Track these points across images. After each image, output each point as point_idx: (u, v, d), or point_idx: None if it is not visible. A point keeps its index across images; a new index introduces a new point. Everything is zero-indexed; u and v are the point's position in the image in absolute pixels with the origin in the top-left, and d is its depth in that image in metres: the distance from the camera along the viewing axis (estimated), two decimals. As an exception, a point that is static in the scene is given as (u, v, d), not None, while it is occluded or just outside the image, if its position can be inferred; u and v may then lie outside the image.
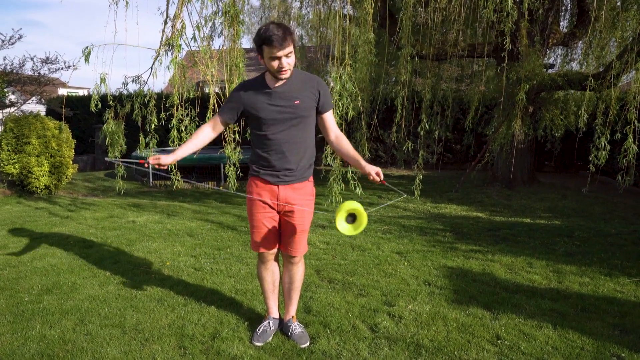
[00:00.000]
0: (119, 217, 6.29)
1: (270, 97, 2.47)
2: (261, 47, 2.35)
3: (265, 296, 2.90)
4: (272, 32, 2.29)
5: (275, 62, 2.35)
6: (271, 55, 2.33)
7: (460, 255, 4.60)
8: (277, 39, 2.29)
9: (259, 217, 2.64)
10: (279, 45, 2.30)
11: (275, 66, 2.36)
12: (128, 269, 4.06)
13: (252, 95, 2.49)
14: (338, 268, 4.15)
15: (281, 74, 2.39)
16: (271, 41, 2.29)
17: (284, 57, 2.34)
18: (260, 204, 2.62)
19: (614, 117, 6.02)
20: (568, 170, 12.87)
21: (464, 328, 2.98)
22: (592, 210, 7.55)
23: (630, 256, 4.66)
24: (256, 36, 2.37)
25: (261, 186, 2.60)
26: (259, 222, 2.65)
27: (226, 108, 2.57)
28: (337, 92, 5.36)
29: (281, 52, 2.31)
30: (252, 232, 2.70)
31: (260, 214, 2.64)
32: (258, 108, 2.49)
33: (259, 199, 2.60)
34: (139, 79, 5.63)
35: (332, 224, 5.97)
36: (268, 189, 2.60)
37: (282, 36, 2.29)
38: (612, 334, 2.94)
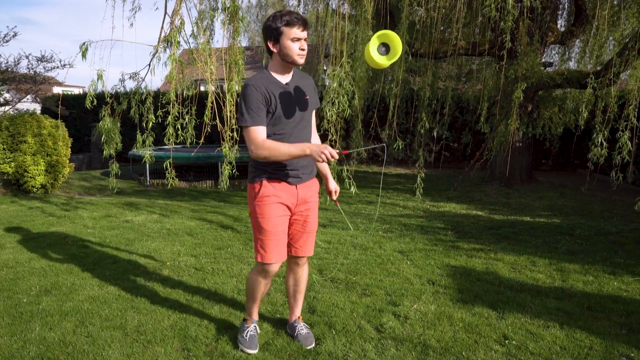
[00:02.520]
0: (117, 217, 6.22)
1: (286, 93, 2.42)
2: (279, 30, 2.28)
3: (254, 304, 2.72)
4: (291, 13, 2.28)
5: (298, 43, 2.30)
6: (294, 37, 2.28)
7: (463, 254, 4.57)
8: (300, 19, 2.28)
9: (277, 222, 2.46)
10: (303, 26, 2.29)
11: (297, 48, 2.30)
12: (128, 269, 4.00)
13: (271, 93, 2.36)
14: (340, 267, 4.10)
15: (301, 57, 2.33)
16: (294, 22, 2.27)
17: (304, 40, 2.32)
18: (281, 207, 2.47)
19: (613, 115, 6.01)
20: (565, 169, 12.89)
21: (471, 328, 2.94)
22: (591, 208, 7.55)
23: (632, 254, 4.65)
24: (271, 21, 2.30)
25: (279, 188, 2.46)
26: (277, 227, 2.46)
27: (259, 114, 2.31)
28: (333, 90, 5.31)
29: (304, 32, 2.31)
30: (265, 241, 2.45)
31: (280, 218, 2.47)
32: (279, 105, 2.39)
33: (279, 202, 2.46)
34: (137, 76, 5.56)
35: (333, 222, 5.93)
36: (287, 190, 2.48)
37: (304, 17, 2.31)
38: (619, 334, 2.92)
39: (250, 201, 2.50)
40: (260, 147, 2.29)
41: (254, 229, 2.50)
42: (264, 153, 2.29)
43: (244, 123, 2.31)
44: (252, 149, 2.30)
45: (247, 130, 2.31)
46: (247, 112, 2.29)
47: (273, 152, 2.28)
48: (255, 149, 2.30)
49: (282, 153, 2.28)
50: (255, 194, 2.46)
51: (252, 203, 2.49)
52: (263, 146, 2.29)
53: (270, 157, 2.30)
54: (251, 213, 2.51)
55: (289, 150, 2.29)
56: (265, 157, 2.30)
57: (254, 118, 2.30)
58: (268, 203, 2.44)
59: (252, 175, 2.49)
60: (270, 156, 2.29)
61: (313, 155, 2.23)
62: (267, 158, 2.31)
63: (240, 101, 2.34)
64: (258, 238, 2.47)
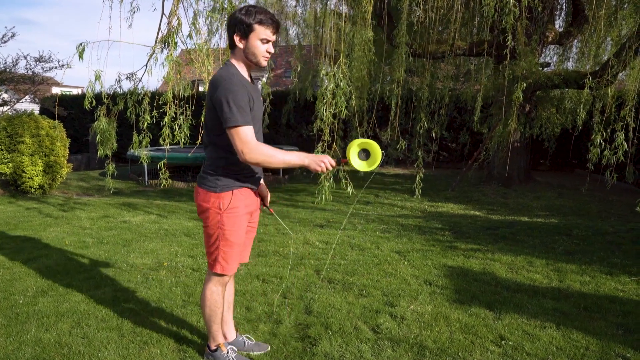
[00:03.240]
0: (114, 217, 6.21)
1: (256, 92, 2.29)
2: (251, 26, 2.13)
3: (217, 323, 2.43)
4: (267, 12, 2.16)
5: (266, 45, 2.18)
6: (265, 38, 2.16)
7: (460, 254, 4.57)
8: (274, 22, 2.18)
9: (243, 233, 2.33)
10: (276, 29, 2.19)
11: (264, 50, 2.18)
12: (125, 270, 4.00)
13: (250, 92, 2.18)
14: (337, 268, 4.10)
15: (266, 59, 2.21)
16: (268, 22, 2.15)
17: (272, 44, 2.22)
18: (248, 216, 2.36)
19: (612, 116, 6.01)
20: (563, 169, 12.90)
21: (467, 328, 2.94)
22: (588, 208, 7.55)
23: (629, 255, 4.65)
24: (243, 15, 2.13)
25: (247, 195, 2.31)
26: (242, 237, 2.34)
27: (248, 112, 2.13)
28: (330, 91, 5.30)
29: (274, 36, 2.21)
30: (229, 253, 2.29)
31: (245, 228, 2.35)
32: (256, 106, 2.24)
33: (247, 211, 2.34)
34: (134, 76, 5.56)
35: (331, 222, 5.93)
36: (252, 197, 2.36)
37: (278, 20, 2.21)
38: (616, 334, 2.92)
39: (214, 212, 2.24)
40: (255, 151, 2.08)
41: (216, 240, 2.28)
42: (259, 158, 2.09)
43: (234, 123, 2.06)
44: (245, 152, 2.07)
45: (238, 131, 2.07)
46: (237, 110, 2.06)
47: (269, 159, 2.11)
48: (249, 152, 2.08)
49: (279, 160, 2.12)
50: (223, 205, 2.23)
51: (215, 214, 2.24)
52: (259, 150, 2.09)
53: (263, 163, 2.12)
54: (212, 224, 2.26)
55: (286, 158, 2.13)
56: (258, 162, 2.12)
57: (244, 117, 2.08)
58: (238, 214, 2.27)
59: (217, 183, 2.23)
60: (264, 162, 2.11)
61: (311, 165, 2.14)
62: (258, 163, 2.12)
63: (225, 98, 2.07)
64: (221, 250, 2.28)
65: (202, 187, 2.28)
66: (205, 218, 2.30)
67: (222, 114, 2.09)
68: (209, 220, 2.28)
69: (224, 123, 2.10)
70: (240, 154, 2.10)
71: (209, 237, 2.31)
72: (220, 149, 2.21)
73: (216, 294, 2.38)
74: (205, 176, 2.28)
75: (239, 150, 2.10)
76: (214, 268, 2.32)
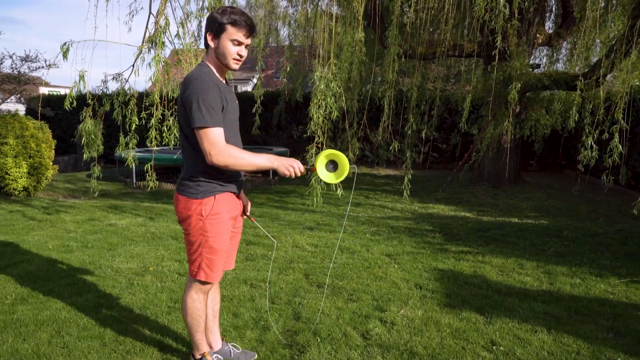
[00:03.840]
0: (100, 220, 6.10)
1: (231, 94, 2.21)
2: (223, 26, 2.06)
3: (201, 331, 2.36)
4: (243, 14, 2.09)
5: (238, 47, 2.10)
6: (236, 39, 2.08)
7: (451, 257, 4.53)
8: (249, 25, 2.10)
9: (227, 239, 2.26)
10: (250, 32, 2.11)
11: (234, 52, 2.10)
12: (109, 275, 3.90)
13: (223, 93, 2.11)
14: (327, 272, 4.04)
15: (237, 62, 2.13)
16: (241, 24, 2.07)
17: (245, 47, 2.14)
18: (231, 222, 2.28)
19: (601, 117, 6.02)
20: (552, 170, 12.96)
21: (458, 334, 2.90)
22: (577, 209, 7.56)
23: (618, 256, 4.65)
24: (218, 14, 2.07)
25: (229, 200, 2.24)
26: (226, 244, 2.26)
27: (219, 113, 2.05)
28: (320, 92, 5.24)
29: (248, 39, 2.13)
30: (214, 260, 2.21)
31: (229, 234, 2.27)
32: (230, 108, 2.16)
33: (230, 217, 2.26)
34: (120, 77, 5.46)
35: (320, 225, 5.87)
36: (235, 202, 2.29)
37: (253, 23, 2.12)
38: (606, 338, 2.90)
39: (196, 219, 2.16)
40: (224, 153, 2.02)
41: (199, 247, 2.19)
42: (227, 160, 2.02)
43: (202, 123, 1.98)
44: (213, 154, 2.00)
45: (206, 132, 2.00)
46: (206, 111, 1.99)
47: (238, 161, 2.04)
48: (217, 155, 2.01)
49: (248, 163, 2.06)
50: (204, 211, 2.15)
51: (197, 220, 2.16)
52: (227, 152, 2.02)
53: (231, 166, 2.05)
54: (194, 231, 2.18)
55: (256, 161, 2.08)
56: (226, 165, 2.04)
57: (214, 117, 2.01)
58: (221, 220, 2.19)
59: (198, 189, 2.15)
60: (232, 164, 2.04)
61: (280, 168, 2.08)
62: (227, 166, 2.04)
63: (194, 97, 2.00)
64: (205, 257, 2.20)
65: (183, 194, 2.19)
66: (187, 225, 2.21)
67: (191, 113, 2.02)
68: (190, 227, 2.19)
69: (191, 123, 2.02)
70: (207, 156, 2.03)
71: (191, 244, 2.22)
72: (199, 151, 2.10)
73: (198, 301, 2.30)
74: (185, 182, 2.19)
75: (206, 152, 2.02)
76: (198, 275, 2.24)
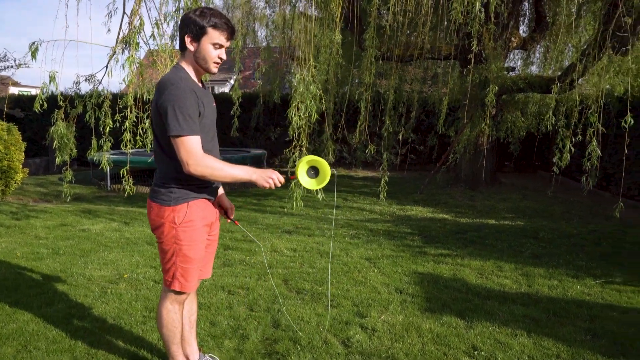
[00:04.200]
0: (73, 225, 5.92)
1: (208, 99, 2.13)
2: (204, 29, 1.99)
3: (177, 342, 2.27)
4: (222, 16, 2.03)
5: (218, 51, 2.05)
6: (217, 42, 2.02)
7: (430, 260, 4.53)
8: (230, 27, 2.04)
9: (202, 248, 2.19)
10: (231, 35, 2.06)
11: (215, 56, 2.04)
12: (81, 284, 3.77)
13: (200, 98, 2.04)
14: (306, 277, 3.99)
15: (217, 66, 2.07)
16: (222, 27, 2.01)
17: (225, 50, 2.09)
18: (206, 230, 2.20)
19: (575, 120, 6.13)
20: (526, 171, 13.18)
21: (439, 339, 2.88)
22: (552, 210, 7.69)
23: (592, 257, 4.73)
24: (197, 16, 1.99)
25: (203, 207, 2.16)
26: (201, 253, 2.19)
27: (195, 121, 1.98)
28: (300, 94, 5.19)
29: (229, 42, 2.07)
30: (189, 269, 2.14)
31: (204, 242, 2.20)
32: (207, 112, 2.09)
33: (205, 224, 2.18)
34: (93, 78, 5.30)
35: (299, 228, 5.82)
36: (210, 209, 2.21)
37: (233, 26, 2.07)
38: (584, 340, 2.92)
39: (169, 226, 2.08)
40: (202, 164, 1.95)
41: (172, 256, 2.12)
42: (204, 171, 1.96)
43: (179, 132, 1.92)
44: (190, 164, 1.94)
45: (183, 141, 1.93)
46: (183, 119, 1.92)
47: (215, 172, 1.98)
48: (194, 164, 1.94)
49: (226, 174, 2.00)
50: (177, 218, 2.07)
51: (170, 228, 2.08)
52: (205, 163, 1.96)
53: (208, 176, 1.98)
54: (167, 239, 2.11)
55: (233, 172, 2.01)
56: (203, 175, 1.97)
57: (190, 125, 1.94)
58: (195, 228, 2.12)
59: (171, 196, 2.07)
60: (210, 175, 1.98)
61: (259, 181, 2.02)
62: (204, 176, 1.98)
63: (170, 104, 1.93)
64: (179, 266, 2.12)
65: (156, 201, 2.11)
66: (159, 233, 2.13)
67: (167, 121, 1.94)
68: (163, 236, 2.11)
69: (168, 131, 1.94)
70: (184, 165, 1.96)
71: (165, 253, 2.15)
72: (172, 158, 2.04)
73: (173, 312, 2.22)
74: (158, 189, 2.11)
75: (183, 161, 1.95)
76: (172, 285, 2.16)
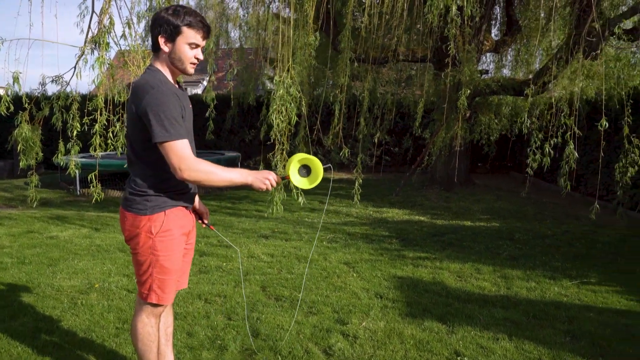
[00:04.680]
0: (40, 232, 5.68)
1: (186, 100, 2.03)
2: (178, 28, 1.90)
3: (151, 358, 2.14)
4: (197, 15, 1.94)
5: (195, 51, 1.96)
6: (193, 42, 1.93)
7: (409, 263, 4.52)
8: (206, 26, 1.96)
9: (180, 258, 2.07)
10: (207, 34, 1.97)
11: (192, 56, 1.95)
12: (49, 295, 3.60)
13: (181, 100, 1.95)
14: (285, 283, 3.92)
15: (193, 67, 1.99)
16: (198, 26, 1.92)
17: (201, 50, 2.00)
18: (184, 239, 2.10)
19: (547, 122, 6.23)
20: (499, 172, 13.41)
21: (422, 345, 2.85)
22: (525, 211, 7.81)
23: (567, 257, 4.80)
24: (170, 15, 1.89)
25: (181, 215, 2.06)
26: (179, 263, 2.08)
27: (181, 125, 1.89)
28: (279, 97, 5.11)
29: (205, 41, 1.99)
30: (166, 281, 2.03)
31: (182, 252, 2.09)
32: (187, 116, 2.00)
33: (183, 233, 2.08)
34: (60, 79, 5.11)
35: (276, 232, 5.73)
36: (187, 216, 2.11)
37: (209, 24, 1.99)
38: (564, 342, 2.94)
39: (145, 236, 1.97)
40: (195, 168, 1.86)
41: (149, 267, 2.00)
42: (198, 176, 1.86)
43: (166, 137, 1.82)
44: (184, 169, 1.84)
45: (172, 146, 1.83)
46: (169, 124, 1.83)
47: (210, 176, 1.88)
48: (188, 170, 1.84)
49: (221, 178, 1.90)
50: (154, 228, 1.96)
51: (147, 238, 1.97)
52: (199, 167, 1.87)
53: (203, 181, 1.89)
54: (143, 250, 1.99)
55: (229, 176, 1.91)
56: (197, 180, 1.88)
57: (177, 130, 1.85)
58: (172, 237, 2.01)
59: (146, 205, 1.96)
60: (205, 180, 1.88)
61: (255, 183, 1.93)
62: (198, 181, 1.89)
63: (154, 109, 1.83)
64: (155, 278, 2.00)
65: (130, 210, 1.99)
66: (135, 244, 2.01)
67: (152, 127, 1.83)
68: (139, 246, 1.99)
69: (154, 138, 1.84)
70: (177, 171, 1.86)
71: (140, 265, 2.03)
72: (148, 165, 1.95)
73: (149, 326, 2.10)
74: (132, 197, 1.99)
75: (175, 167, 1.85)
76: (149, 298, 2.04)
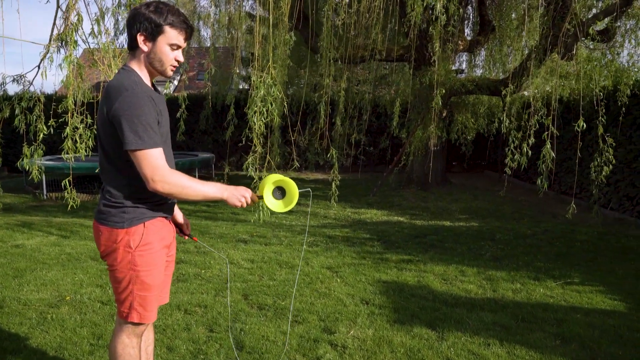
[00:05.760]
0: (4, 241, 5.38)
1: (162, 104, 1.90)
2: (160, 28, 1.77)
3: None
4: (180, 14, 1.81)
5: (176, 52, 1.83)
6: (175, 43, 1.81)
7: (393, 266, 4.44)
8: (189, 27, 1.83)
9: (161, 272, 1.93)
10: (190, 34, 1.84)
11: (172, 58, 1.83)
12: (15, 310, 3.37)
13: (157, 104, 1.82)
14: (267, 290, 3.78)
15: (173, 69, 1.87)
16: (181, 27, 1.80)
17: (181, 52, 1.87)
18: (165, 252, 1.95)
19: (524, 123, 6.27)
20: (474, 170, 13.56)
21: (412, 353, 2.77)
22: (502, 210, 7.88)
23: (549, 257, 4.82)
24: (151, 13, 1.76)
25: (161, 227, 1.92)
26: (160, 278, 1.93)
27: (156, 132, 1.76)
28: (260, 98, 4.96)
29: (186, 42, 1.86)
30: (148, 298, 1.88)
31: (163, 266, 1.95)
32: (164, 121, 1.87)
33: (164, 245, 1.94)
34: (23, 79, 4.84)
35: (255, 237, 5.58)
36: (167, 228, 1.98)
37: (192, 26, 1.86)
38: (555, 345, 2.91)
39: (123, 251, 1.82)
40: (169, 181, 1.73)
41: (128, 284, 1.85)
42: (172, 189, 1.74)
43: (139, 145, 1.69)
44: (157, 180, 1.71)
45: (145, 155, 1.70)
46: (143, 130, 1.70)
47: (185, 190, 1.76)
48: (161, 181, 1.72)
49: (196, 192, 1.79)
50: (133, 242, 1.82)
51: (125, 253, 1.82)
52: (173, 180, 1.74)
53: (176, 195, 1.76)
54: (121, 266, 1.83)
55: (204, 190, 1.80)
56: (170, 193, 1.75)
57: (152, 137, 1.72)
58: (153, 251, 1.86)
59: (124, 217, 1.82)
60: (179, 194, 1.75)
61: (231, 199, 1.82)
62: (171, 194, 1.76)
63: (126, 114, 1.69)
64: (136, 295, 1.85)
65: (105, 224, 1.83)
66: (112, 260, 1.85)
67: (123, 133, 1.70)
68: (117, 262, 1.83)
69: (126, 145, 1.70)
70: (149, 182, 1.73)
71: (119, 282, 1.86)
72: (122, 173, 1.82)
73: (130, 347, 1.93)
74: (107, 210, 1.83)
75: (148, 177, 1.72)
76: (130, 317, 1.88)
